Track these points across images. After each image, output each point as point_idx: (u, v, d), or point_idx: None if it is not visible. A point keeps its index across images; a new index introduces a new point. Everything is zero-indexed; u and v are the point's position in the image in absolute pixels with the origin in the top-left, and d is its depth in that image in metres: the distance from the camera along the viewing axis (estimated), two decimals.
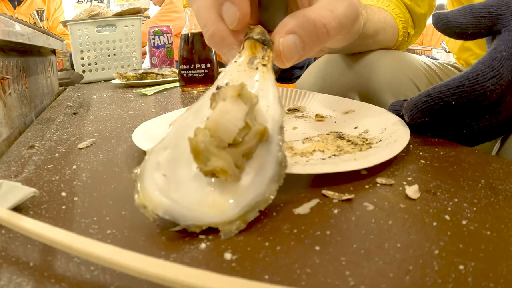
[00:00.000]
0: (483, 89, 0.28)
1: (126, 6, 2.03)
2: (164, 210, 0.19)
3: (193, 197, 0.20)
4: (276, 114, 0.23)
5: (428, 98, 0.29)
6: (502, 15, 0.30)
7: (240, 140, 0.21)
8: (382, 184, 0.24)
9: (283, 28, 0.24)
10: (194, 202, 0.19)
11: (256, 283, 0.14)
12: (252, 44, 0.25)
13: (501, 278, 0.15)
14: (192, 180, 0.21)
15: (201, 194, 0.20)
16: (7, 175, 0.28)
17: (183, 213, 0.19)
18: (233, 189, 0.20)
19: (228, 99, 0.21)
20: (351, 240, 0.18)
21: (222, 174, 0.19)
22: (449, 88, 0.29)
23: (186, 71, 0.73)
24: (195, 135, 0.20)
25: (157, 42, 1.26)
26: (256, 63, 0.24)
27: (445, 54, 3.47)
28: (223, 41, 0.25)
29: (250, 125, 0.21)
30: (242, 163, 0.21)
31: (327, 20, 0.25)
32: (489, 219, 0.20)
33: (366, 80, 0.51)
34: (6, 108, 0.42)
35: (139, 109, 0.55)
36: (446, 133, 0.33)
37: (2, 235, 0.19)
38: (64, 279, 0.16)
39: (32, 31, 0.54)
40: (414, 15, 0.58)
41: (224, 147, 0.20)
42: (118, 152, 0.33)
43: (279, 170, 0.20)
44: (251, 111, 0.21)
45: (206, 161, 0.20)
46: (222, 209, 0.19)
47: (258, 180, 0.20)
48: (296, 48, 0.24)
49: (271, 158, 0.21)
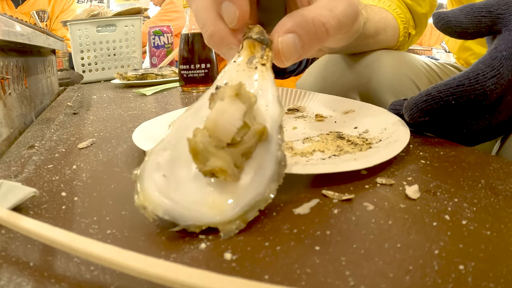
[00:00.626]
0: (483, 88, 0.28)
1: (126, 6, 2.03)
2: (164, 210, 0.19)
3: (193, 197, 0.20)
4: (275, 114, 0.23)
5: (428, 98, 0.29)
6: (502, 14, 0.30)
7: (239, 139, 0.20)
8: (382, 184, 0.24)
9: (282, 28, 0.24)
10: (193, 202, 0.19)
11: (256, 283, 0.14)
12: (251, 44, 0.24)
13: (501, 278, 0.15)
14: (191, 180, 0.21)
15: (201, 194, 0.20)
16: (7, 175, 0.28)
17: (182, 213, 0.19)
18: (232, 189, 0.20)
19: (226, 99, 0.21)
20: (351, 240, 0.18)
21: (221, 174, 0.19)
22: (449, 88, 0.29)
23: (186, 71, 0.73)
24: (194, 135, 0.20)
25: (157, 42, 1.26)
26: (255, 62, 0.24)
27: (445, 54, 3.47)
28: (222, 41, 0.25)
29: (249, 124, 0.21)
30: (242, 163, 0.21)
31: (326, 19, 0.25)
32: (489, 219, 0.20)
33: (367, 80, 0.51)
34: (6, 108, 0.42)
35: (139, 109, 0.55)
36: (446, 132, 0.33)
37: (2, 235, 0.19)
38: (64, 279, 0.16)
39: (32, 31, 0.54)
40: (415, 15, 0.58)
41: (223, 147, 0.20)
42: (118, 152, 0.33)
43: (279, 169, 0.20)
44: (250, 110, 0.21)
45: (205, 161, 0.20)
46: (221, 209, 0.19)
47: (258, 180, 0.20)
48: (295, 47, 0.24)
49: (271, 157, 0.21)
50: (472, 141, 0.32)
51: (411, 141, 0.32)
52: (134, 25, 1.08)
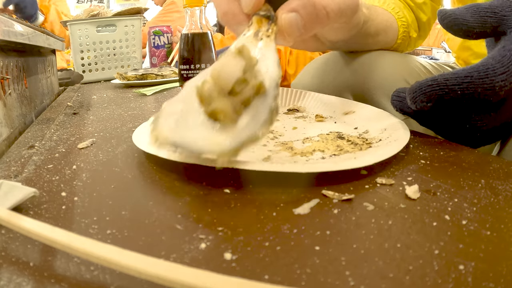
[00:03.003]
0: (492, 83, 0.27)
1: (126, 6, 2.02)
2: (172, 142, 0.23)
3: (198, 135, 0.23)
4: (273, 74, 0.26)
5: (434, 83, 0.29)
6: (506, 16, 0.30)
7: (239, 90, 0.24)
8: (382, 184, 0.24)
9: (287, 6, 0.28)
10: (198, 139, 0.23)
11: (256, 283, 0.14)
12: (259, 20, 0.28)
13: (501, 278, 0.15)
14: (198, 125, 0.24)
15: (204, 134, 0.24)
16: (7, 175, 0.28)
17: (188, 144, 0.23)
18: (231, 131, 0.24)
19: (229, 55, 0.25)
20: (351, 240, 0.18)
21: (220, 113, 0.23)
22: (457, 77, 0.28)
23: (186, 71, 0.73)
24: (202, 83, 0.25)
25: (157, 42, 1.26)
26: (261, 35, 0.28)
27: (445, 54, 3.47)
28: (235, 18, 0.29)
29: (248, 80, 0.25)
30: (240, 110, 0.24)
31: (327, 2, 0.28)
32: (489, 219, 0.20)
33: (363, 80, 0.51)
34: (6, 108, 0.42)
35: (139, 109, 0.55)
36: (448, 127, 0.32)
37: (2, 235, 0.19)
38: (64, 279, 0.16)
39: (32, 31, 0.54)
40: (418, 21, 0.58)
41: (224, 94, 0.24)
42: (118, 152, 0.33)
43: (271, 115, 0.24)
44: (251, 69, 0.25)
45: (209, 104, 0.24)
46: (220, 144, 0.23)
47: (253, 123, 0.24)
48: (297, 24, 0.28)
49: (266, 106, 0.24)
50: (473, 139, 0.32)
51: (411, 141, 0.32)
52: (134, 25, 1.08)
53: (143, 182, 0.26)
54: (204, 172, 0.26)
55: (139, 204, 0.23)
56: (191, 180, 0.26)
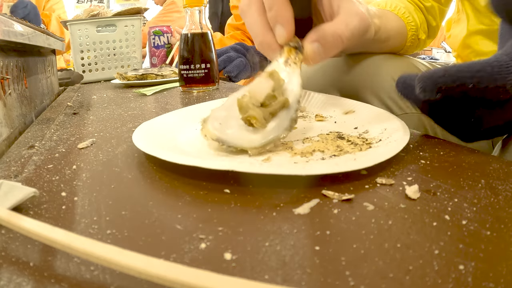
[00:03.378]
0: (505, 81, 0.27)
1: (126, 6, 2.02)
2: (217, 138, 0.30)
3: (236, 134, 0.31)
4: (297, 93, 0.33)
5: (446, 73, 0.28)
6: None
7: (269, 104, 0.32)
8: (382, 184, 0.24)
9: (310, 39, 0.34)
10: (236, 137, 0.30)
11: (256, 283, 0.14)
12: (289, 49, 0.35)
13: (501, 278, 0.15)
14: (237, 127, 0.31)
15: (241, 133, 0.31)
16: (7, 175, 0.28)
17: (228, 140, 0.30)
18: (261, 132, 0.31)
19: (262, 77, 0.34)
20: (351, 240, 0.18)
21: (253, 119, 0.30)
22: (470, 69, 0.27)
23: (186, 71, 0.73)
24: (241, 97, 0.32)
25: (157, 42, 1.26)
26: (290, 62, 0.35)
27: (445, 54, 3.47)
28: (270, 47, 0.35)
29: (277, 96, 0.32)
30: (269, 118, 0.32)
31: (342, 32, 0.34)
32: (489, 219, 0.20)
33: (363, 83, 0.52)
34: (6, 108, 0.42)
35: (139, 109, 0.55)
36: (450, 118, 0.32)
37: (2, 235, 0.19)
38: (64, 279, 0.16)
39: (32, 31, 0.54)
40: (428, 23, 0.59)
41: (258, 106, 0.31)
42: (118, 152, 0.33)
43: (291, 123, 0.32)
44: (279, 88, 0.33)
45: (246, 112, 0.31)
46: (252, 141, 0.30)
47: (277, 128, 0.31)
48: (319, 52, 0.34)
49: (288, 116, 0.32)
50: (473, 133, 0.31)
51: (411, 141, 0.32)
52: (134, 25, 1.08)
53: (143, 182, 0.26)
54: (204, 172, 0.26)
55: (139, 204, 0.23)
56: (191, 180, 0.26)
